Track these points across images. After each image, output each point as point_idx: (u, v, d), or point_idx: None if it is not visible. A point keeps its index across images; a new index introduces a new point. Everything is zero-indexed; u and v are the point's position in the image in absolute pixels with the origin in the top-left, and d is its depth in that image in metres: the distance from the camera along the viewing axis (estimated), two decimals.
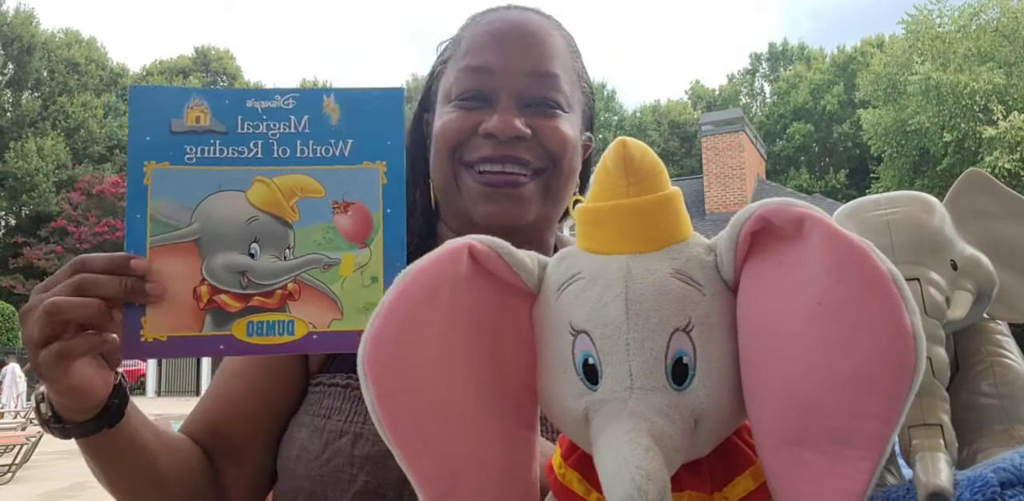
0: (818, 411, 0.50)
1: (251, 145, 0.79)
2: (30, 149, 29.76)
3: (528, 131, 0.93)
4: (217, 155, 0.78)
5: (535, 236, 1.00)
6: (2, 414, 13.65)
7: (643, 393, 0.53)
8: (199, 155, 0.78)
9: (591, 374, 0.55)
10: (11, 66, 32.57)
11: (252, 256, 0.77)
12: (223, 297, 0.76)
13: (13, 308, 22.22)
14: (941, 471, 0.51)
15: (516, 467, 0.62)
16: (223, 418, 0.98)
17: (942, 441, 0.54)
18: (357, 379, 0.88)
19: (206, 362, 22.50)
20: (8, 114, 32.30)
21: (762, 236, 0.55)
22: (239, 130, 0.79)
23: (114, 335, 0.75)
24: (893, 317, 0.47)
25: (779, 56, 43.71)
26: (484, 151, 0.93)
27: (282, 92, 0.81)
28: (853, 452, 0.49)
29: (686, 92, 45.59)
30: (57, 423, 0.79)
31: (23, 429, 12.01)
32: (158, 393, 25.18)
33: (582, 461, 0.61)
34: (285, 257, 0.78)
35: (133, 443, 0.85)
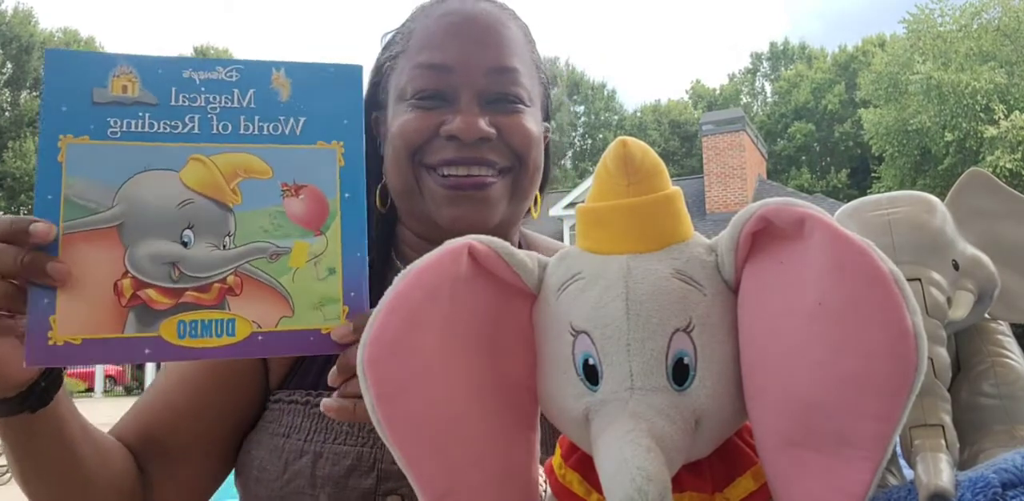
0: (819, 412, 0.50)
1: (186, 119, 0.70)
2: (28, 149, 29.76)
3: (492, 131, 0.89)
4: (146, 129, 0.69)
5: (501, 236, 0.97)
6: None
7: (643, 394, 0.53)
8: (124, 129, 0.68)
9: (591, 374, 0.55)
10: (9, 65, 32.59)
11: (185, 244, 0.68)
12: (149, 292, 0.66)
13: None
14: (942, 472, 0.51)
15: (516, 467, 0.61)
16: (162, 427, 0.90)
17: (943, 442, 0.54)
18: (317, 396, 0.88)
19: None
20: (7, 113, 32.32)
21: (763, 236, 0.55)
22: (173, 102, 0.70)
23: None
24: (894, 318, 0.47)
25: (780, 55, 43.72)
26: (447, 154, 0.89)
27: (225, 62, 0.72)
28: (854, 452, 0.49)
29: (687, 91, 45.61)
30: None
31: None
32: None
33: (582, 462, 0.61)
34: (224, 246, 0.68)
35: (57, 434, 0.77)
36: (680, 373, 0.54)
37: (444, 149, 0.89)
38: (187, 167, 0.69)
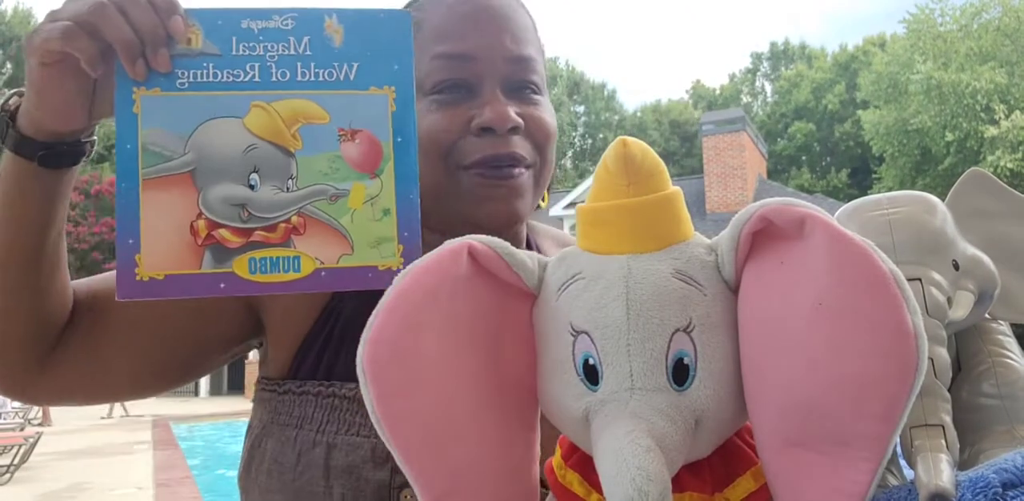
0: (819, 412, 0.50)
1: (247, 68, 0.73)
2: None
3: (521, 121, 0.88)
4: (211, 79, 0.73)
5: (514, 230, 0.95)
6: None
7: (644, 394, 0.53)
8: (192, 80, 0.72)
9: (591, 375, 0.55)
10: (9, 65, 32.59)
11: (252, 187, 0.72)
12: (222, 232, 0.71)
13: None
14: (943, 472, 0.51)
15: (516, 468, 0.61)
16: (111, 298, 0.87)
17: (944, 442, 0.54)
18: (329, 386, 0.88)
19: None
20: None
21: (763, 236, 0.55)
22: (234, 52, 0.73)
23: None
24: (895, 318, 0.47)
25: (780, 55, 43.73)
26: (483, 151, 0.87)
27: (280, 11, 0.75)
28: (855, 453, 0.49)
29: (687, 91, 45.62)
30: (24, 141, 0.75)
31: (21, 429, 12.05)
32: None
33: (582, 462, 0.61)
34: (288, 188, 0.73)
35: (54, 205, 0.79)
36: (680, 373, 0.54)
37: (478, 146, 0.87)
38: (250, 114, 0.73)
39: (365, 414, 0.83)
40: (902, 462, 0.58)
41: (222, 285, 0.71)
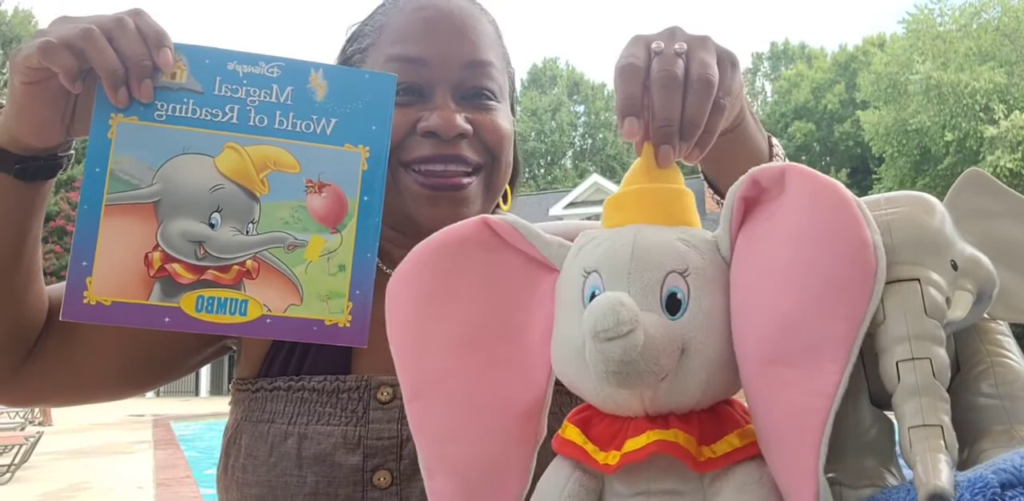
0: (795, 323, 0.54)
1: (227, 109, 0.74)
2: None
3: (469, 128, 0.90)
4: (189, 115, 0.73)
5: None
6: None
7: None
8: (170, 113, 0.73)
9: None
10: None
11: (212, 226, 0.73)
12: (175, 266, 0.72)
13: None
14: (942, 472, 0.51)
15: (520, 421, 0.66)
16: None
17: (943, 442, 0.54)
18: (299, 380, 0.90)
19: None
20: None
21: (752, 203, 0.61)
22: (216, 91, 0.74)
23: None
24: (856, 232, 0.53)
25: (780, 55, 43.73)
26: (424, 151, 0.89)
27: (268, 59, 0.76)
28: (824, 357, 0.53)
29: None
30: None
31: (22, 429, 12.05)
32: (157, 393, 25.21)
33: (584, 420, 0.64)
34: (247, 232, 0.73)
35: (30, 217, 0.81)
36: (673, 305, 0.59)
37: (421, 146, 0.89)
38: (222, 154, 0.74)
39: (335, 404, 0.88)
40: (901, 462, 0.58)
41: (166, 319, 0.72)
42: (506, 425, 0.66)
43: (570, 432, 0.63)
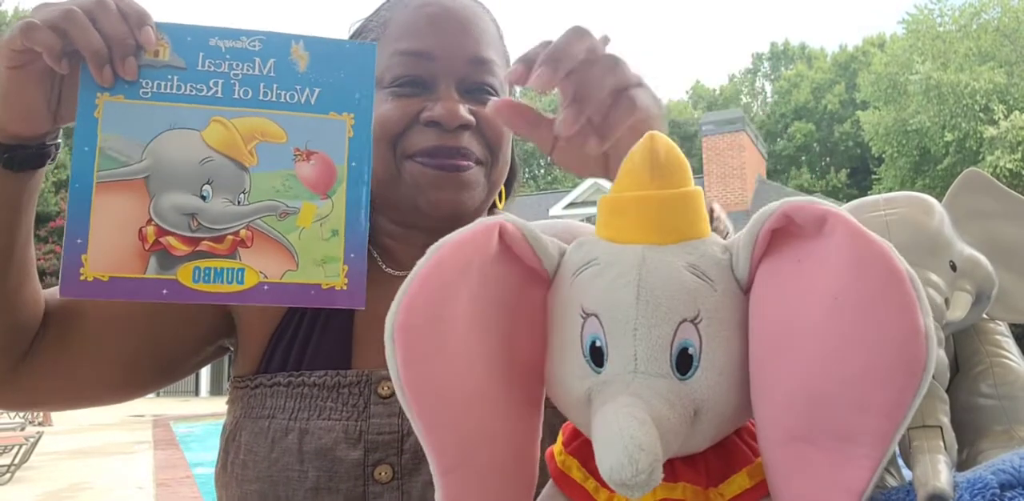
0: (827, 405, 0.50)
1: (211, 83, 0.75)
2: None
3: (472, 119, 0.90)
4: (174, 91, 0.74)
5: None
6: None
7: (646, 378, 0.53)
8: (155, 90, 0.74)
9: (597, 357, 0.56)
10: None
11: (204, 198, 0.74)
12: (170, 239, 0.72)
13: None
14: (941, 473, 0.51)
15: (522, 450, 0.62)
16: (83, 307, 0.90)
17: (942, 443, 0.54)
18: (299, 376, 0.89)
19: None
20: None
21: (781, 235, 0.55)
22: (199, 67, 0.75)
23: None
24: (909, 316, 0.47)
25: (780, 55, 43.73)
26: (428, 141, 0.90)
27: (249, 33, 0.77)
28: (856, 449, 0.49)
29: (686, 92, 45.61)
30: None
31: (22, 429, 12.05)
32: (157, 393, 25.22)
33: (582, 449, 0.62)
34: (239, 202, 0.74)
35: (20, 208, 0.81)
36: (684, 363, 0.54)
37: (424, 137, 0.90)
38: (209, 128, 0.75)
39: (335, 399, 0.87)
40: (900, 463, 0.58)
41: (164, 291, 0.72)
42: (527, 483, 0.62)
43: (569, 464, 0.62)
